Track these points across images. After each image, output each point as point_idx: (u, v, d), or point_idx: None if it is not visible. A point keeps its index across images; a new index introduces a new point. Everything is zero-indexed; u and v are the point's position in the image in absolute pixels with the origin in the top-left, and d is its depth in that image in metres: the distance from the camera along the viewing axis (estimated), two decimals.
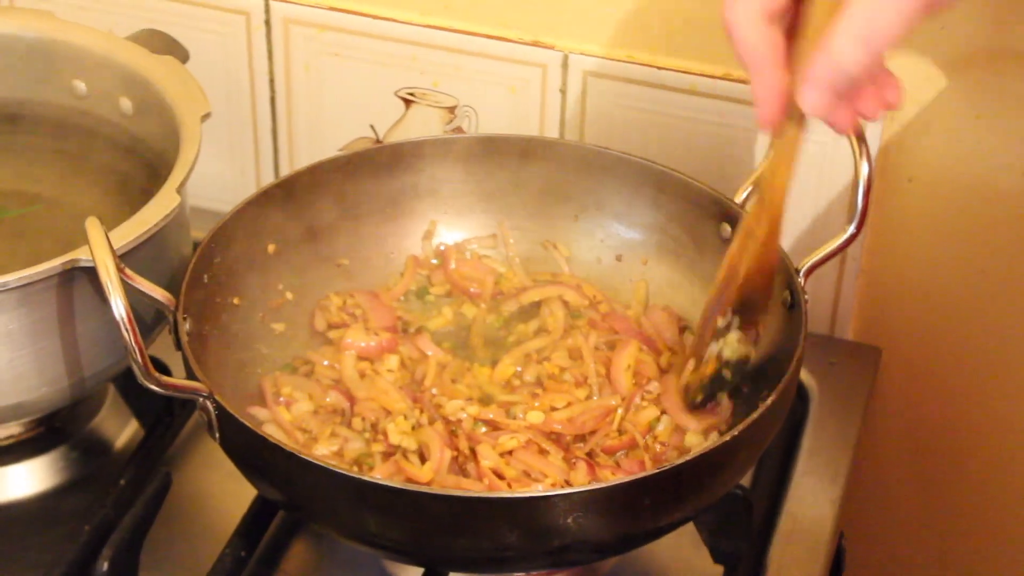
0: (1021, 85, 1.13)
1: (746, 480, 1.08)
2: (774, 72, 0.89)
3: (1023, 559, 1.29)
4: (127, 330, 0.91)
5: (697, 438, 1.04)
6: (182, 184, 1.03)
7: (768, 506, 1.10)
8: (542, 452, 1.02)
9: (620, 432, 1.04)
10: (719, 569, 1.05)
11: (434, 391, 1.07)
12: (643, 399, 1.06)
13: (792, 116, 0.90)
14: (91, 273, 0.94)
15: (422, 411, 1.05)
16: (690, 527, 1.03)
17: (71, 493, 1.10)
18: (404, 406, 1.05)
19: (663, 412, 1.06)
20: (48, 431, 1.13)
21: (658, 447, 1.04)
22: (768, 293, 1.02)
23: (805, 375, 1.20)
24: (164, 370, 1.08)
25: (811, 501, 1.11)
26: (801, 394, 1.19)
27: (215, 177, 1.31)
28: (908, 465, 1.30)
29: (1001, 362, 1.23)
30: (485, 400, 1.06)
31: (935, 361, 1.25)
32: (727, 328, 1.02)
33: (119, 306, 0.91)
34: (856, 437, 1.16)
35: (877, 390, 1.25)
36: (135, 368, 0.92)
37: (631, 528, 0.94)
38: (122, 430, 1.15)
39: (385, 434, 1.03)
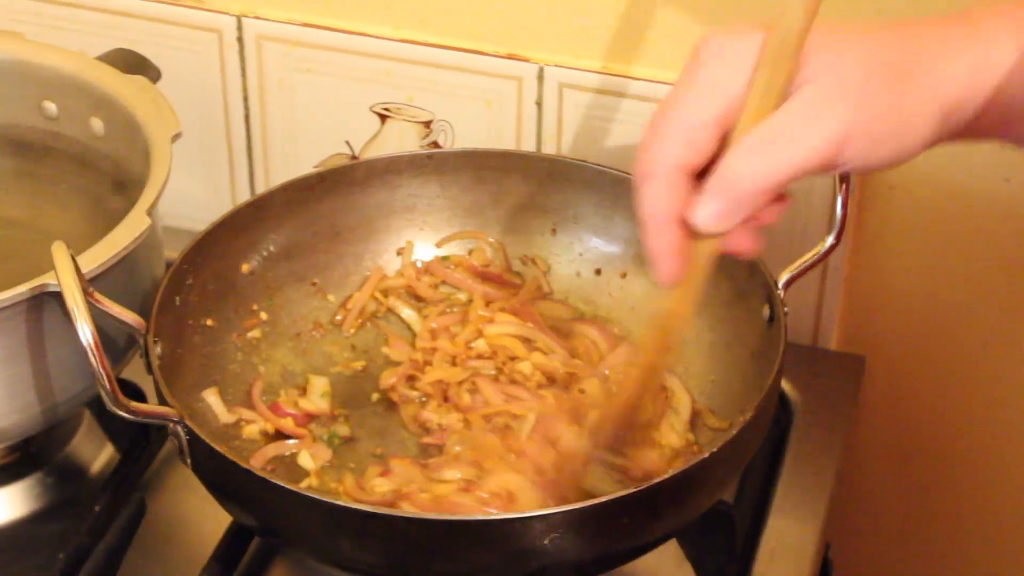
0: None
1: (729, 494, 1.07)
2: (670, 228, 0.83)
3: (1013, 565, 1.28)
4: (94, 356, 0.90)
5: None
6: (152, 206, 1.01)
7: (752, 520, 1.09)
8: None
9: None
10: None
11: None
12: None
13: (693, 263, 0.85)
14: (60, 298, 0.93)
15: None
16: (673, 543, 1.02)
17: (46, 520, 1.08)
18: None
19: None
20: (23, 457, 1.11)
21: None
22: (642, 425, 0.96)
23: (788, 386, 1.18)
24: (138, 394, 1.08)
25: (796, 514, 1.09)
26: (784, 406, 1.17)
27: (191, 196, 1.30)
28: (894, 475, 1.29)
29: (986, 367, 1.22)
30: None
31: (920, 369, 1.24)
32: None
33: (86, 332, 0.90)
34: (841, 448, 1.15)
35: (862, 399, 1.24)
36: (103, 395, 0.91)
37: (610, 547, 0.93)
38: (97, 455, 1.13)
39: None
